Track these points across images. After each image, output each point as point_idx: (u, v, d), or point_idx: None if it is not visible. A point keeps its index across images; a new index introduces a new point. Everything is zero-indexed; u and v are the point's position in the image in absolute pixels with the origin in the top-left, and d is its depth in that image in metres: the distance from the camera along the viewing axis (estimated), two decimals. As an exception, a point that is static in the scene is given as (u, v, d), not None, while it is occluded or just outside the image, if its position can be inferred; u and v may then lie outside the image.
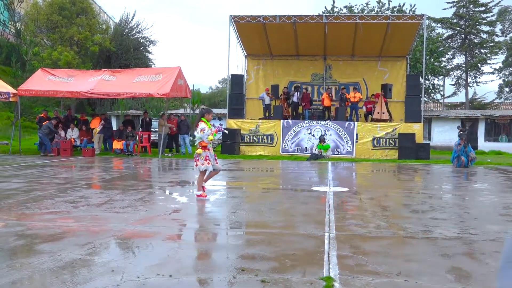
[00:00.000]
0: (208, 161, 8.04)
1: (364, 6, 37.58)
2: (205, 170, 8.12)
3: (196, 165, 8.13)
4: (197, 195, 8.20)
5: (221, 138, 18.81)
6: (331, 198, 8.39)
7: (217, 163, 8.33)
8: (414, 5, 39.01)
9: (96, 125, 19.26)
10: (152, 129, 20.85)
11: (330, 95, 21.87)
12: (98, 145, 19.01)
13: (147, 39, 40.65)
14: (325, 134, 19.60)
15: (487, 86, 66.31)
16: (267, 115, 21.75)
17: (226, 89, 30.24)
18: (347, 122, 20.06)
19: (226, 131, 11.13)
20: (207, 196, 8.18)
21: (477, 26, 41.40)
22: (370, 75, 24.07)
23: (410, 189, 10.62)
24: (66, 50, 31.91)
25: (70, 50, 32.47)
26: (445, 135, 29.10)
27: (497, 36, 43.10)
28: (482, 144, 28.85)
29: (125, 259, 4.48)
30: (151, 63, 41.05)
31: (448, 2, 41.33)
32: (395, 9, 36.13)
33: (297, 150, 19.87)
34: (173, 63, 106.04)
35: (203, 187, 8.24)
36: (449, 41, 42.91)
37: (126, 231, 5.62)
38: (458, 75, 43.94)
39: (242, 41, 23.48)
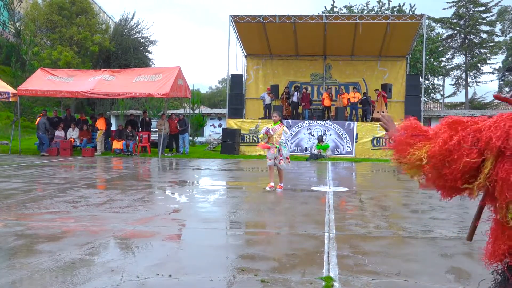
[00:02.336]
0: (267, 157, 9.49)
1: (364, 6, 37.61)
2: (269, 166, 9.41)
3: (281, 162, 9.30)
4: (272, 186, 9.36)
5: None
6: (331, 198, 8.39)
7: (278, 162, 9.30)
8: (414, 5, 38.97)
9: (103, 126, 19.18)
10: (151, 129, 20.85)
11: (330, 95, 21.88)
12: (101, 145, 18.98)
13: (147, 39, 40.66)
14: (325, 134, 19.60)
15: (486, 86, 66.37)
16: (267, 115, 21.75)
17: (226, 89, 30.24)
18: (347, 122, 20.06)
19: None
20: (278, 188, 9.30)
21: (477, 26, 41.41)
22: (370, 75, 24.06)
23: (410, 189, 10.61)
24: (65, 50, 31.90)
25: (69, 50, 32.47)
26: (445, 135, 29.07)
27: (496, 36, 43.10)
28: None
29: (124, 259, 4.48)
30: (150, 63, 41.05)
31: (448, 2, 41.34)
32: (395, 9, 36.13)
33: (297, 150, 19.85)
34: (173, 63, 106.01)
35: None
36: (449, 41, 42.92)
37: (126, 231, 5.62)
38: (458, 75, 43.97)
39: (242, 41, 23.47)
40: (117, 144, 18.67)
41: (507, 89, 47.17)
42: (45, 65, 26.16)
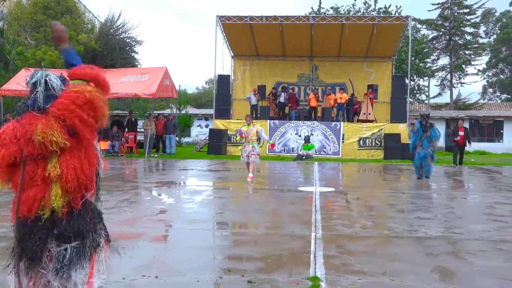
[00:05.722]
0: (241, 154, 10.94)
1: (350, 7, 37.81)
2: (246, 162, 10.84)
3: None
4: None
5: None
6: (318, 198, 8.41)
7: (250, 157, 10.69)
8: (400, 6, 39.35)
9: None
10: (138, 129, 20.70)
11: (317, 95, 21.97)
12: None
13: (133, 39, 40.28)
14: (312, 134, 19.67)
15: (471, 87, 67.25)
16: (254, 115, 21.75)
17: (212, 89, 30.15)
18: (333, 123, 20.16)
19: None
20: (249, 178, 10.56)
21: (462, 28, 41.87)
22: (356, 76, 24.20)
23: (396, 189, 10.71)
24: (50, 50, 31.52)
25: (54, 49, 32.08)
26: (430, 135, 29.33)
27: (481, 37, 43.65)
28: (466, 144, 29.13)
29: (110, 260, 4.43)
30: (137, 63, 40.67)
31: (433, 4, 41.71)
32: (381, 11, 36.37)
33: (284, 151, 19.90)
34: (159, 63, 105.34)
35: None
36: (434, 42, 43.33)
37: (112, 232, 5.55)
38: (443, 76, 44.40)
39: (228, 42, 23.44)
40: (102, 145, 18.51)
41: (491, 90, 47.86)
42: (29, 65, 25.83)
